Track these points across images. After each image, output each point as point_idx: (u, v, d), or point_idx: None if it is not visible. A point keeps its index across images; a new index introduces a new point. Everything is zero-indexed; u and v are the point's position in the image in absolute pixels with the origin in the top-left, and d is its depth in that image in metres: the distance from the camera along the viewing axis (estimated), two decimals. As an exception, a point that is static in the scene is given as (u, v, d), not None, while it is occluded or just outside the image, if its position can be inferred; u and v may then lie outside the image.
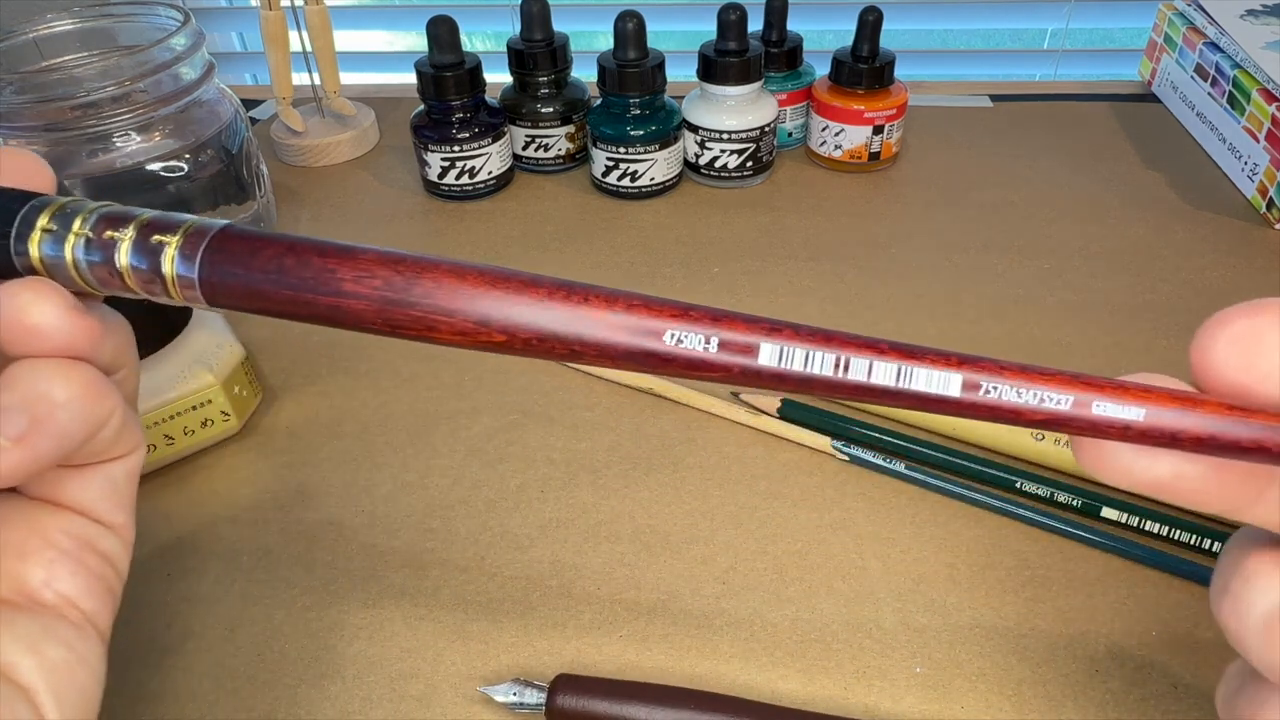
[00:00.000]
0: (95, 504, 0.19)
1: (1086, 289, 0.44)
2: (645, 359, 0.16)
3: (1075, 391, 0.15)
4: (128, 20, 0.45)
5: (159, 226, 0.17)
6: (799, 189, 0.53)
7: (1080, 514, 0.33)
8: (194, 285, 0.17)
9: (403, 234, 0.50)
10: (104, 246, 0.17)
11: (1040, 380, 0.15)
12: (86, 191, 0.41)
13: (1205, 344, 0.15)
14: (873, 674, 0.28)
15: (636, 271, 0.47)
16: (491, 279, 0.17)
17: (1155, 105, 0.61)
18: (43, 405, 0.16)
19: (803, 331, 0.16)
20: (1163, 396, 0.15)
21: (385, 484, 0.35)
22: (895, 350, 0.16)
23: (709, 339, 0.16)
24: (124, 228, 0.17)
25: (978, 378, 0.16)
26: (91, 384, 0.17)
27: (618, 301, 0.16)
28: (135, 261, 0.17)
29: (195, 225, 0.17)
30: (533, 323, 0.16)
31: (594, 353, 0.16)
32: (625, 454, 0.36)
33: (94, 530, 0.19)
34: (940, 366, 0.16)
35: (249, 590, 0.32)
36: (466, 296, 0.17)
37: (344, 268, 0.17)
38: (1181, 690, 0.27)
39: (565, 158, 0.55)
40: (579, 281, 0.17)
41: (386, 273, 0.17)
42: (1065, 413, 0.15)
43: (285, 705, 0.28)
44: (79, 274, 0.17)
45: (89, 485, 0.19)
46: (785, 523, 0.33)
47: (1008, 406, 0.15)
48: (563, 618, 0.30)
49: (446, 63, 0.49)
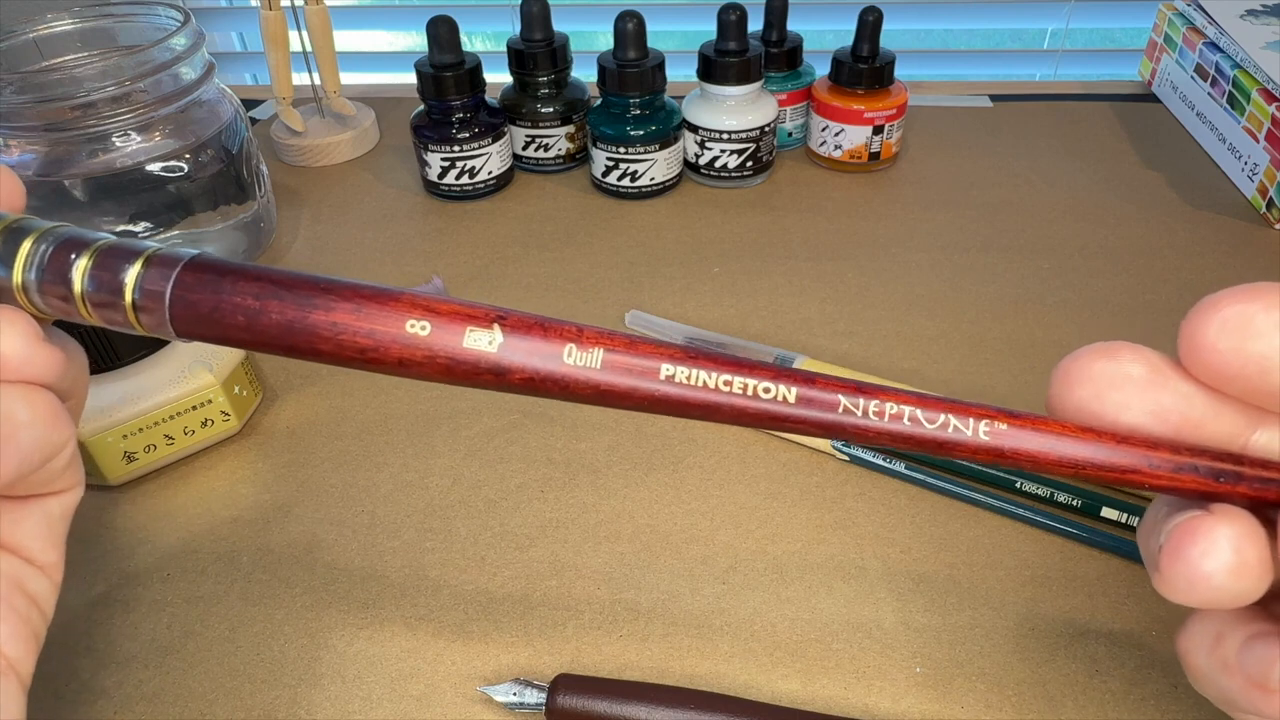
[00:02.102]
0: (28, 541, 0.19)
1: (1086, 289, 0.44)
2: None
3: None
4: (128, 20, 0.45)
5: (118, 253, 0.17)
6: (799, 189, 0.53)
7: (1080, 514, 0.33)
8: (161, 312, 0.17)
9: (403, 234, 0.50)
10: (59, 269, 0.17)
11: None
12: (87, 191, 0.41)
13: (1196, 327, 0.16)
14: (873, 674, 0.28)
15: (636, 271, 0.47)
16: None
17: (1155, 105, 0.61)
18: (6, 425, 0.16)
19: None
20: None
21: (385, 484, 0.35)
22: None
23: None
24: (81, 250, 0.17)
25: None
26: (51, 408, 0.17)
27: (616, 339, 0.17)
28: (93, 284, 0.17)
29: (158, 253, 0.17)
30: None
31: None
32: (625, 454, 0.36)
33: (24, 570, 0.18)
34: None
35: (249, 590, 0.32)
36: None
37: (328, 299, 0.17)
38: (1181, 690, 0.27)
39: (565, 158, 0.55)
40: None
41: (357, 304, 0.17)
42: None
43: (285, 705, 0.28)
44: (28, 298, 0.17)
45: (24, 521, 0.18)
46: (785, 523, 0.33)
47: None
48: (563, 618, 0.30)
49: (446, 63, 0.49)
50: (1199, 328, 0.15)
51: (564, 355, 0.17)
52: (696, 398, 0.17)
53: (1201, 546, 0.15)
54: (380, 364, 0.17)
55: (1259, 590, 0.15)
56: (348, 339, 0.17)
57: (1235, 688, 0.16)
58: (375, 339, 0.17)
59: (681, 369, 0.17)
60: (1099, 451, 0.16)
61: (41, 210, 0.42)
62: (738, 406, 0.17)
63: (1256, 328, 0.15)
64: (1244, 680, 0.16)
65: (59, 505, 0.19)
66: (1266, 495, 0.16)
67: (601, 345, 0.17)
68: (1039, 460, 0.16)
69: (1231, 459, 0.16)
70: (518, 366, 0.17)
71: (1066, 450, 0.16)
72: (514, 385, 0.17)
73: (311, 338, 0.17)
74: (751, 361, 0.17)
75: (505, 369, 0.17)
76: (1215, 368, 0.15)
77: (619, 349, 0.17)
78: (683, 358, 0.17)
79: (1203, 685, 0.17)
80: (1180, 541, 0.15)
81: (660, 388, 0.17)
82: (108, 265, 0.17)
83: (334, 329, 0.17)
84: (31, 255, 0.17)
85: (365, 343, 0.17)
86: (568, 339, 0.17)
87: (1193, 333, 0.16)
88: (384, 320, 0.17)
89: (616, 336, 0.17)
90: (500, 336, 0.17)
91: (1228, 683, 0.16)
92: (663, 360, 0.17)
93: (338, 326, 0.17)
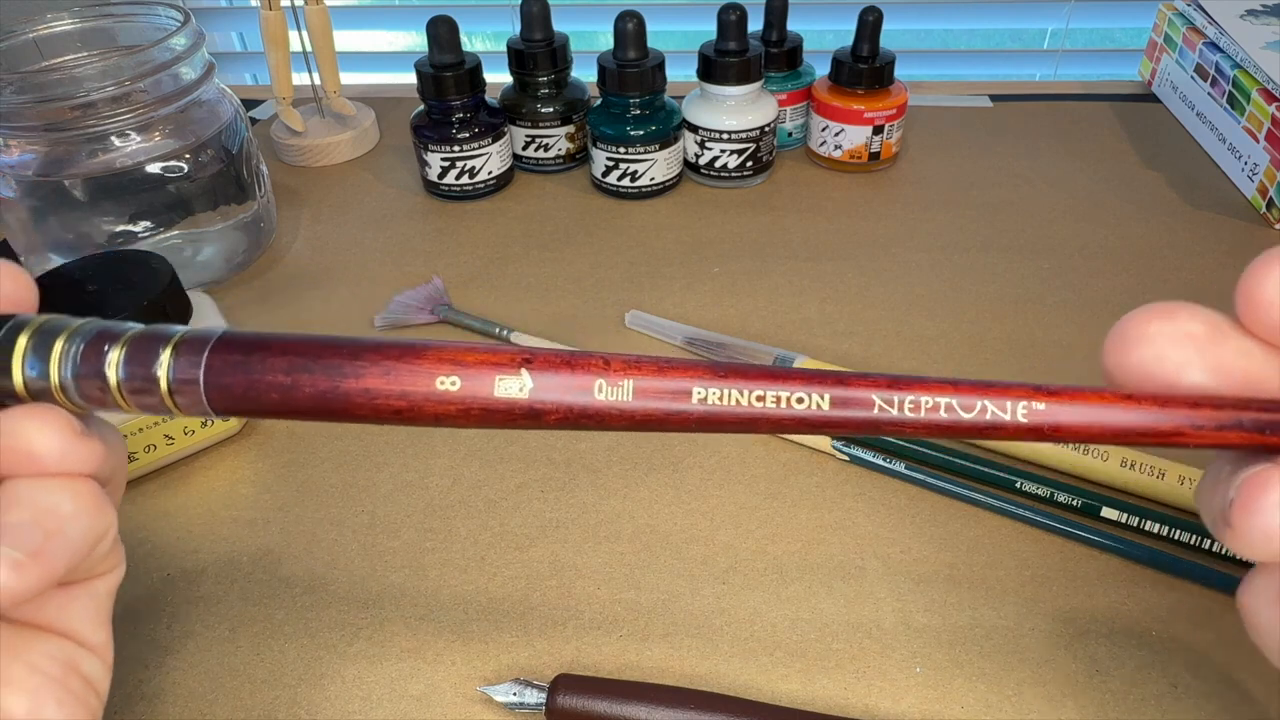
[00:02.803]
0: (78, 624, 0.19)
1: (1086, 289, 0.44)
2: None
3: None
4: (128, 20, 0.45)
5: (148, 343, 0.17)
6: (799, 189, 0.53)
7: (1080, 514, 0.33)
8: (198, 396, 0.17)
9: (403, 234, 0.50)
10: (93, 364, 0.17)
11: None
12: (87, 191, 0.41)
13: (1254, 284, 0.15)
14: (873, 674, 0.28)
15: (636, 271, 0.47)
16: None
17: (1155, 105, 0.61)
18: (53, 520, 0.16)
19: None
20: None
21: (385, 484, 0.35)
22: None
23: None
24: (113, 342, 0.17)
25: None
26: (94, 497, 0.17)
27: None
28: (127, 374, 0.17)
29: (186, 337, 0.17)
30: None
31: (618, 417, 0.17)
32: (625, 454, 0.36)
33: (77, 653, 0.19)
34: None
35: (249, 590, 0.32)
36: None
37: (361, 361, 0.17)
38: (1181, 690, 0.27)
39: (565, 158, 0.55)
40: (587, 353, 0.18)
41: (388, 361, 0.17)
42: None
43: (285, 705, 0.28)
44: (65, 396, 0.17)
45: (72, 604, 0.19)
46: (785, 523, 0.33)
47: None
48: (563, 618, 0.30)
49: (446, 63, 0.49)
50: (1257, 284, 0.15)
51: (595, 391, 0.17)
52: (731, 415, 0.17)
53: (1275, 496, 0.14)
54: (417, 422, 0.17)
55: None
56: (382, 403, 0.17)
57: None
58: (409, 399, 0.17)
59: (713, 390, 0.17)
60: (1142, 416, 0.16)
61: (42, 210, 0.42)
62: (773, 419, 0.17)
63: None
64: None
65: (104, 586, 0.19)
66: None
67: (630, 375, 0.17)
68: (1081, 433, 0.16)
69: (1278, 407, 0.16)
70: (551, 408, 0.17)
71: (1108, 420, 0.16)
72: (550, 425, 0.17)
73: (347, 406, 0.17)
74: (780, 370, 0.17)
75: (539, 412, 0.17)
76: (1274, 323, 0.15)
77: (648, 375, 0.17)
78: (712, 377, 0.17)
79: (1266, 640, 0.17)
80: (1252, 493, 0.15)
81: (694, 410, 0.17)
82: (139, 358, 0.17)
83: (367, 395, 0.17)
84: (65, 354, 0.17)
85: (400, 404, 0.17)
86: (596, 372, 0.17)
87: (1251, 290, 0.15)
88: (414, 380, 0.17)
89: (644, 363, 0.17)
90: (529, 381, 0.17)
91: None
92: (694, 383, 0.17)
93: (370, 393, 0.17)
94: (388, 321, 0.43)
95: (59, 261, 0.41)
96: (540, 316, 0.44)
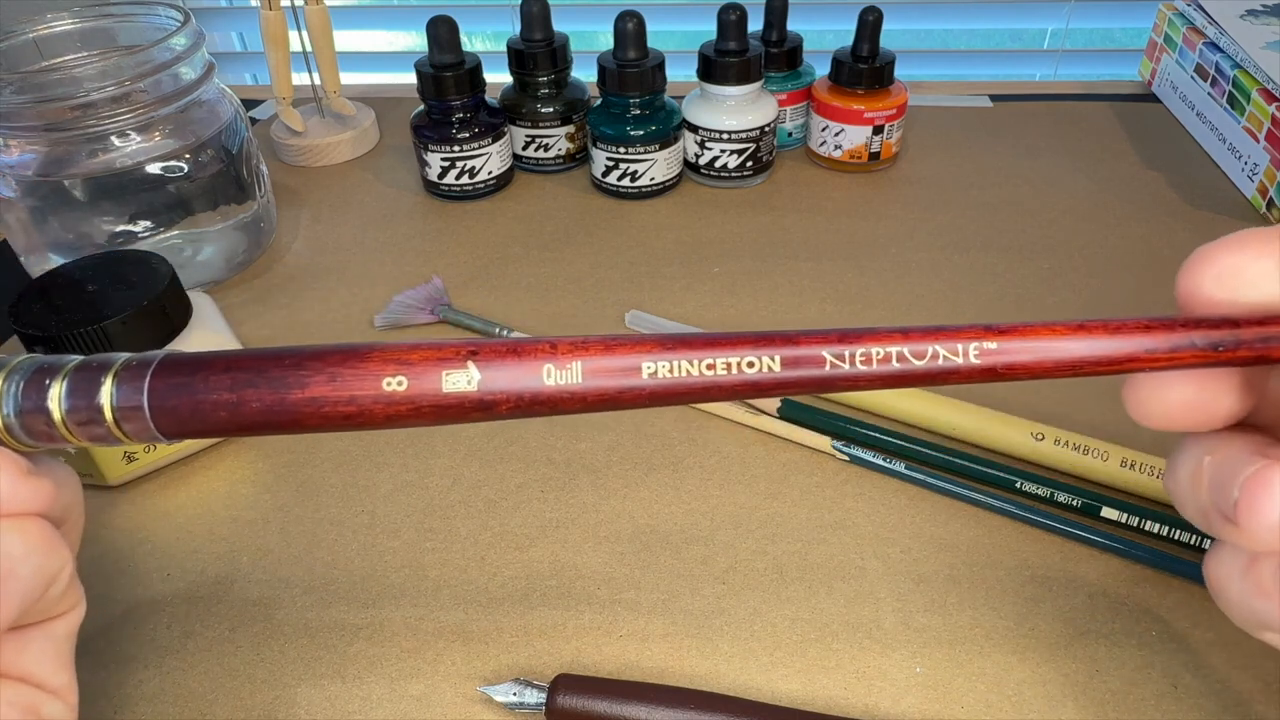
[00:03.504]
0: (36, 668, 0.18)
1: (1086, 289, 0.44)
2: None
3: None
4: (128, 20, 0.45)
5: (89, 372, 0.17)
6: (799, 189, 0.53)
7: (1080, 514, 0.33)
8: (144, 422, 0.17)
9: (403, 234, 0.50)
10: (35, 399, 0.17)
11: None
12: (87, 191, 0.41)
13: (1192, 280, 0.16)
14: (873, 674, 0.28)
15: (636, 271, 0.47)
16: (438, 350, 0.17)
17: (1155, 105, 0.61)
18: (4, 561, 0.16)
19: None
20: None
21: (385, 484, 0.35)
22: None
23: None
24: (54, 375, 0.17)
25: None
26: (45, 537, 0.17)
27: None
28: (70, 406, 0.17)
29: (127, 364, 0.17)
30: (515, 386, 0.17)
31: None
32: (625, 454, 0.36)
33: (37, 697, 0.18)
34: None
35: (249, 590, 0.32)
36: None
37: (307, 368, 0.17)
38: (1181, 690, 0.27)
39: (565, 158, 0.55)
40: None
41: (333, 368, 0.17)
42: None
43: (285, 705, 0.28)
44: (10, 435, 0.17)
45: (29, 647, 0.18)
46: (785, 523, 0.33)
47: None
48: (563, 618, 0.30)
49: (446, 63, 0.49)
50: (1195, 282, 0.16)
51: (544, 376, 0.17)
52: (683, 386, 0.17)
53: (1278, 491, 0.15)
54: (370, 425, 0.17)
55: None
56: (330, 410, 0.17)
57: (1270, 609, 0.17)
58: (357, 404, 0.17)
59: (662, 363, 0.17)
60: (1095, 345, 0.16)
61: (42, 210, 0.42)
62: (725, 386, 0.17)
63: (1249, 278, 0.16)
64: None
65: (63, 627, 0.19)
66: (1270, 354, 0.16)
67: (577, 356, 0.17)
68: (1034, 369, 0.16)
69: (1229, 324, 0.16)
70: (501, 398, 0.17)
71: (1061, 352, 0.16)
72: (503, 415, 0.17)
73: (296, 416, 0.17)
74: (730, 336, 0.17)
75: (490, 403, 0.17)
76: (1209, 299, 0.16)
77: (595, 354, 0.17)
78: (660, 350, 0.17)
79: (1234, 611, 0.18)
80: (1255, 492, 0.15)
81: (646, 384, 0.17)
82: (81, 389, 0.17)
83: (315, 404, 0.17)
84: (5, 393, 0.17)
85: (349, 410, 0.17)
86: (543, 357, 0.17)
87: (1190, 287, 0.16)
88: (360, 384, 0.17)
89: (591, 343, 0.17)
90: (477, 373, 0.17)
91: (1262, 605, 0.17)
92: (642, 358, 0.17)
93: (318, 401, 0.17)
94: (388, 321, 0.43)
95: (59, 261, 0.41)
96: (540, 316, 0.44)
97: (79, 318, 0.32)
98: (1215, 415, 0.17)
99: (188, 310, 0.36)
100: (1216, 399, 0.17)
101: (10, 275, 0.47)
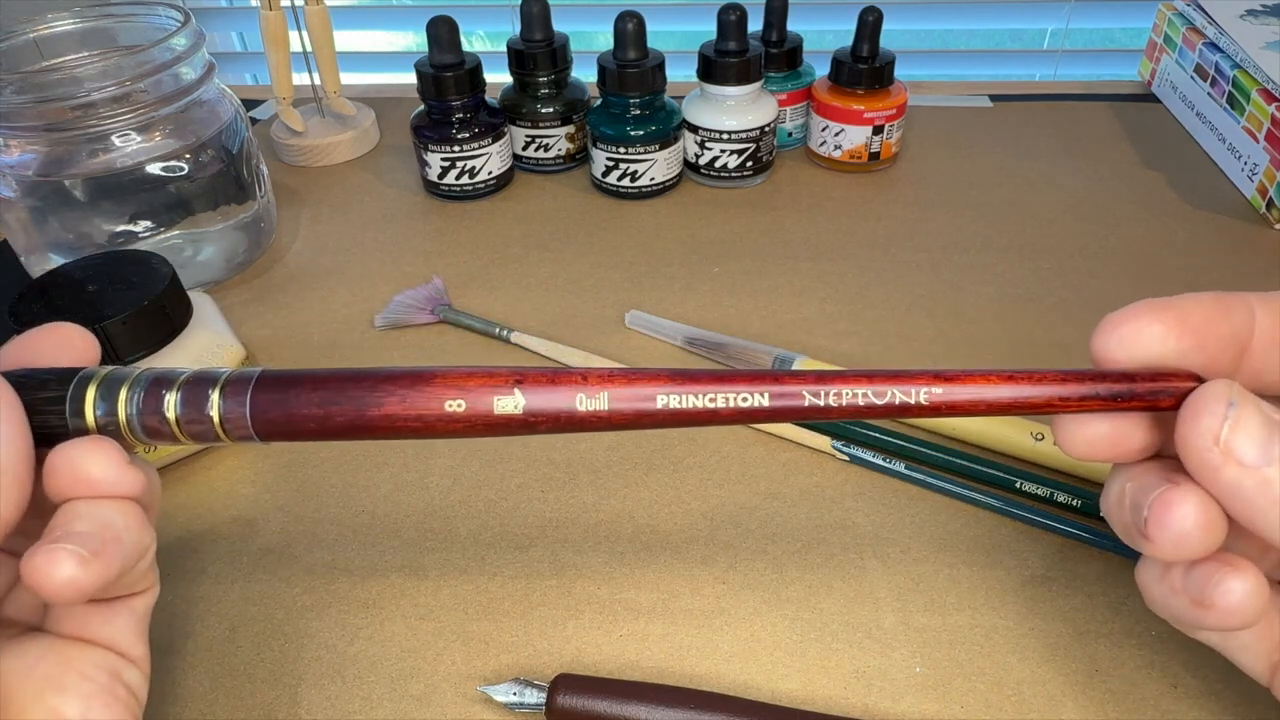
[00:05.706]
0: (120, 638, 0.21)
1: (1086, 289, 0.44)
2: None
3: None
4: (128, 20, 0.45)
5: (199, 384, 0.21)
6: (799, 189, 0.53)
7: (1080, 514, 0.33)
8: (246, 428, 0.21)
9: (403, 234, 0.50)
10: (153, 405, 0.20)
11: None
12: (87, 191, 0.41)
13: (1102, 343, 0.20)
14: (873, 674, 0.28)
15: (636, 271, 0.47)
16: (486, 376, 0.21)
17: (1155, 105, 0.61)
18: (110, 530, 0.19)
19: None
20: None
21: (385, 484, 0.35)
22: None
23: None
24: (169, 387, 0.21)
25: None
26: (139, 517, 0.20)
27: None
28: (183, 413, 0.21)
29: (231, 378, 0.21)
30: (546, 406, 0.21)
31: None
32: (625, 454, 0.36)
33: (120, 664, 0.21)
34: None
35: (249, 590, 0.32)
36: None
37: (381, 387, 0.21)
38: (1181, 690, 0.27)
39: (565, 158, 0.55)
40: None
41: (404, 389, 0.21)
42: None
43: (285, 705, 0.28)
44: (131, 433, 0.21)
45: (114, 620, 0.21)
46: (785, 523, 0.33)
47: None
48: (563, 618, 0.30)
49: (446, 63, 0.49)
50: (1105, 344, 0.20)
51: (577, 403, 0.21)
52: (690, 413, 0.21)
53: (1180, 510, 0.19)
54: (430, 436, 0.21)
55: (1220, 541, 0.19)
56: (401, 424, 0.21)
57: (1182, 606, 0.20)
58: (424, 421, 0.21)
59: (674, 396, 0.21)
60: (1019, 391, 0.20)
61: (42, 210, 0.42)
62: (724, 413, 0.21)
63: (1145, 340, 0.20)
64: (1188, 600, 0.20)
65: (142, 604, 0.22)
66: (1159, 404, 0.20)
67: (606, 387, 0.21)
68: (972, 408, 0.20)
69: (1125, 379, 0.20)
70: (542, 418, 0.21)
71: (994, 395, 0.20)
72: (542, 431, 0.21)
73: (373, 429, 0.21)
74: (732, 373, 0.21)
75: (533, 422, 0.21)
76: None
77: (619, 385, 0.21)
78: (673, 385, 0.21)
79: (1159, 610, 0.21)
80: (1162, 511, 0.19)
81: (660, 411, 0.21)
82: (193, 401, 0.21)
83: (389, 420, 0.21)
84: (130, 398, 0.20)
85: (416, 425, 0.21)
86: (576, 387, 0.21)
87: (1101, 347, 0.20)
88: (426, 404, 0.21)
89: (615, 376, 0.21)
90: (522, 399, 0.21)
91: (1175, 602, 0.21)
92: (658, 390, 0.21)
93: (391, 418, 0.21)
94: (388, 321, 0.43)
95: (59, 261, 0.41)
96: (540, 316, 0.44)
97: (79, 318, 0.31)
98: (1130, 449, 0.21)
99: (188, 310, 0.36)
100: (1129, 435, 0.21)
101: (10, 275, 0.47)
